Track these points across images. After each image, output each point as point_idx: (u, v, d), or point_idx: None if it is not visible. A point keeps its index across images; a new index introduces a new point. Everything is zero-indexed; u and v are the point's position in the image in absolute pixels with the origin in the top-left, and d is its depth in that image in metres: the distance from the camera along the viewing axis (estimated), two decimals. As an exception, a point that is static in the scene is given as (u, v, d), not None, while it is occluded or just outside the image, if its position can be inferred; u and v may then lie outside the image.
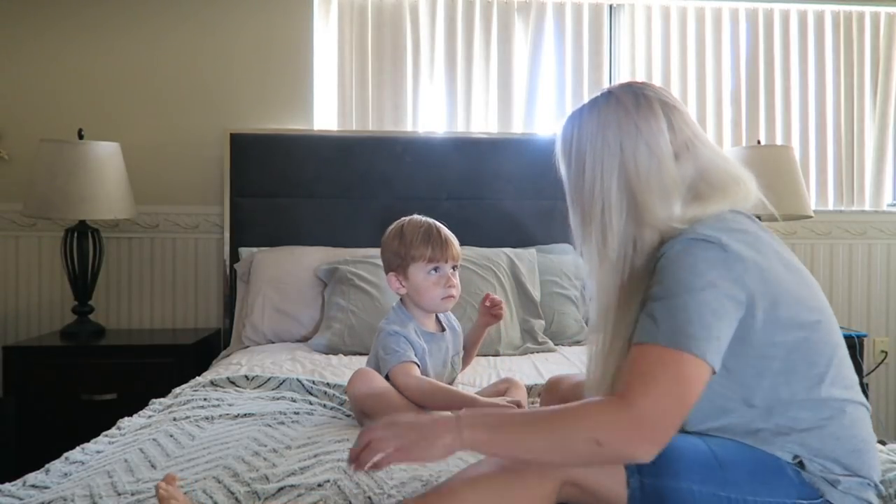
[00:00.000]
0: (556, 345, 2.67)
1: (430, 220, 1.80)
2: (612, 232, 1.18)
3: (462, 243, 2.84)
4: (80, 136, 2.89)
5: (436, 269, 1.75)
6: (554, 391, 1.63)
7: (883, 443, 1.48)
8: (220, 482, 1.26)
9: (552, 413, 1.07)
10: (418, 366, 1.70)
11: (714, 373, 1.06)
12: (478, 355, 2.50)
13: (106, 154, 2.84)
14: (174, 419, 1.68)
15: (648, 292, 1.11)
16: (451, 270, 1.77)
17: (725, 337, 1.07)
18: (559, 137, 1.27)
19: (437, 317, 1.85)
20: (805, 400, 1.16)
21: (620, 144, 1.17)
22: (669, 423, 1.02)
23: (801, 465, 1.16)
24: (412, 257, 1.74)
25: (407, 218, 1.82)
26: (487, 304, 1.91)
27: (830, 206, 3.44)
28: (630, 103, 1.19)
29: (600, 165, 1.18)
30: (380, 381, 1.64)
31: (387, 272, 1.80)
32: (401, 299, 1.81)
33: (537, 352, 2.62)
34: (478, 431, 1.06)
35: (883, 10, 3.43)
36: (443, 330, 1.84)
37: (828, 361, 1.17)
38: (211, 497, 1.20)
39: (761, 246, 1.15)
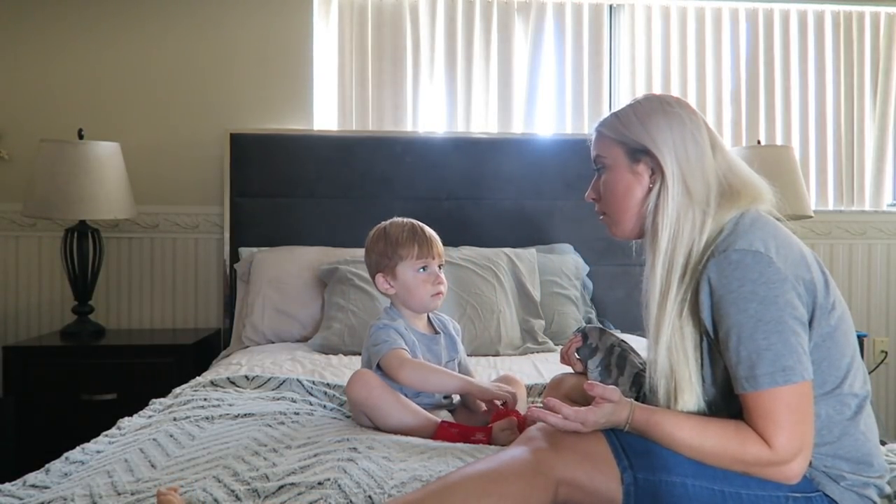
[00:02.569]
0: (556, 345, 2.67)
1: (412, 220, 1.80)
2: (665, 210, 1.23)
3: (462, 243, 2.88)
4: (80, 136, 2.89)
5: (424, 268, 1.74)
6: (557, 390, 1.64)
7: (883, 443, 1.48)
8: (220, 481, 1.26)
9: (703, 442, 1.14)
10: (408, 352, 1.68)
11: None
12: (478, 355, 2.51)
13: (106, 154, 2.84)
14: (174, 419, 1.67)
15: (722, 331, 1.14)
16: (438, 268, 1.76)
17: (808, 342, 1.14)
18: (605, 129, 1.33)
19: (429, 319, 1.83)
20: (831, 394, 1.18)
21: (671, 130, 1.25)
22: (806, 446, 1.11)
23: None
24: (400, 256, 1.74)
25: (387, 220, 1.82)
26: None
27: (830, 206, 3.44)
28: (673, 102, 1.30)
29: (657, 147, 1.25)
30: (378, 384, 1.62)
31: (373, 275, 1.80)
32: (391, 301, 1.81)
33: (537, 352, 2.62)
34: (639, 430, 1.16)
35: (883, 10, 3.43)
36: (436, 333, 1.82)
37: (853, 352, 1.21)
38: (211, 494, 1.20)
39: (793, 242, 1.21)
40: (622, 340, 1.56)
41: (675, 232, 1.22)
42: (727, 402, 1.19)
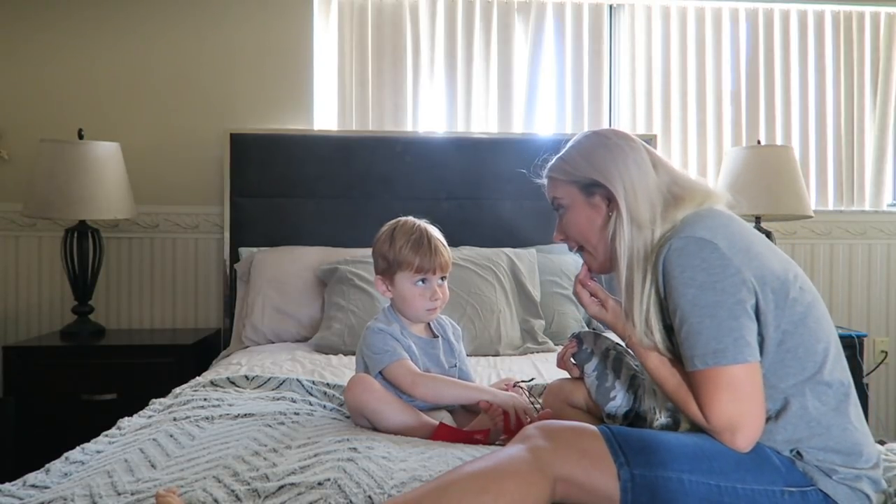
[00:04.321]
0: (556, 345, 2.67)
1: (423, 226, 1.75)
2: (622, 236, 1.31)
3: (462, 243, 2.88)
4: (80, 136, 2.89)
5: (423, 281, 1.70)
6: (555, 395, 1.64)
7: (882, 442, 1.48)
8: (220, 481, 1.26)
9: (667, 387, 1.27)
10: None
11: (759, 362, 1.19)
12: (478, 355, 2.51)
13: (106, 154, 2.84)
14: (174, 419, 1.67)
15: (670, 312, 1.24)
16: (440, 281, 1.73)
17: (750, 329, 1.19)
18: (555, 173, 1.42)
19: (428, 323, 1.81)
20: (813, 380, 1.20)
21: (615, 161, 1.34)
22: (740, 424, 1.17)
23: (798, 454, 1.19)
24: (399, 265, 1.70)
25: (401, 220, 1.77)
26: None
27: (830, 206, 3.44)
28: (610, 134, 1.40)
29: (605, 178, 1.34)
30: (378, 388, 1.62)
31: (376, 274, 1.77)
32: (391, 302, 1.79)
33: (537, 352, 2.63)
34: (641, 346, 1.30)
35: (883, 10, 3.43)
36: (434, 337, 1.80)
37: (828, 338, 1.24)
38: (211, 495, 1.20)
39: (746, 232, 1.27)
40: (617, 344, 1.57)
41: (631, 253, 1.30)
42: None
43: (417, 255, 1.69)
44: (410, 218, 1.78)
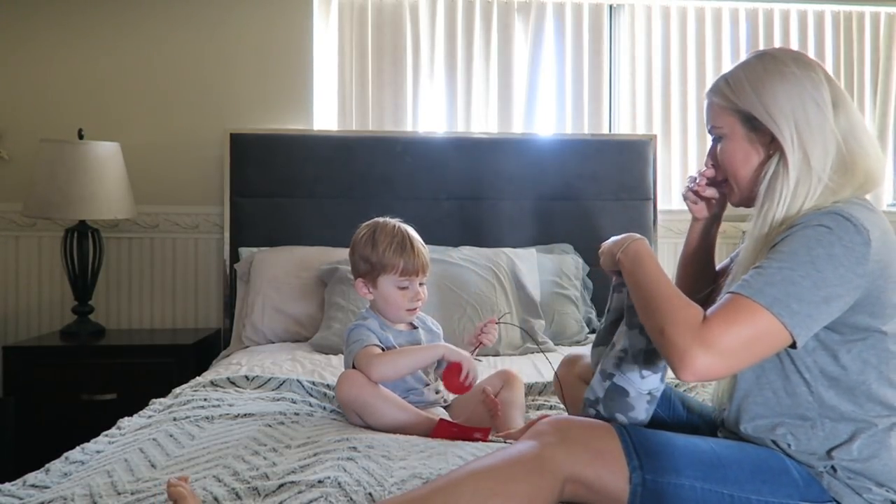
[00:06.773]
0: (556, 345, 2.67)
1: (404, 228, 1.76)
2: (785, 178, 1.19)
3: (462, 243, 2.89)
4: (80, 136, 2.89)
5: (405, 283, 1.72)
6: (569, 369, 1.65)
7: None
8: (219, 481, 1.27)
9: (665, 288, 1.16)
10: (381, 347, 1.67)
11: (794, 347, 1.10)
12: (478, 355, 2.51)
13: (106, 154, 2.84)
14: (174, 419, 1.68)
15: (774, 246, 1.13)
16: (420, 284, 1.75)
17: (824, 321, 1.10)
18: (717, 97, 1.30)
19: None
20: (869, 420, 1.16)
21: (788, 97, 1.20)
22: (727, 361, 1.06)
23: (832, 469, 1.15)
24: (383, 267, 1.71)
25: (379, 221, 1.78)
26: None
27: (830, 206, 3.43)
28: (789, 61, 1.23)
29: (773, 120, 1.20)
30: (366, 382, 1.61)
31: (355, 276, 1.77)
32: (370, 303, 1.80)
33: (537, 352, 2.62)
34: (629, 257, 1.24)
35: (883, 10, 3.43)
36: (414, 328, 1.81)
37: None
38: (211, 493, 1.20)
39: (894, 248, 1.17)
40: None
41: (790, 202, 1.18)
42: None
43: (402, 258, 1.70)
44: (388, 219, 1.79)
